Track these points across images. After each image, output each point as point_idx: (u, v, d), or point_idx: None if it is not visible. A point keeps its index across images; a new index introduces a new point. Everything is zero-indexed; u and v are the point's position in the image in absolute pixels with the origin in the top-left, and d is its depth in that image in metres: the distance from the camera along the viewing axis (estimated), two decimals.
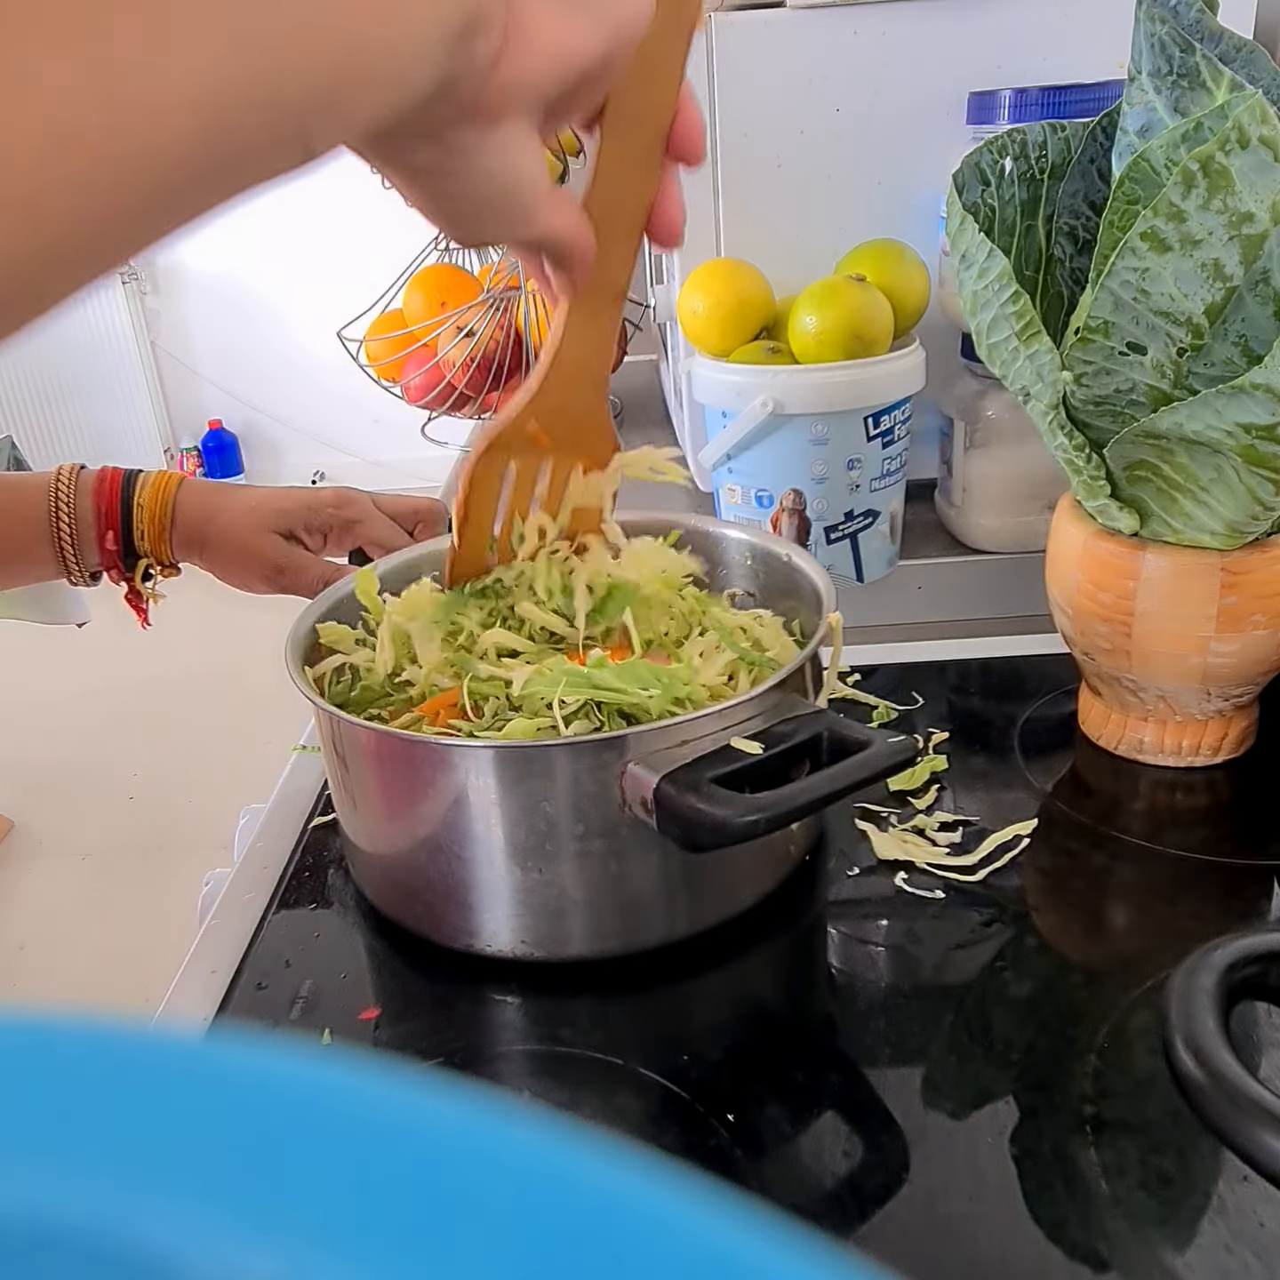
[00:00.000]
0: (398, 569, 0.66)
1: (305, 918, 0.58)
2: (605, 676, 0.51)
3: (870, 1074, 0.46)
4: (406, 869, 0.54)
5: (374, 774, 0.53)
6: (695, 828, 0.45)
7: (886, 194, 0.86)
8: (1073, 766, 0.66)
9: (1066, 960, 0.52)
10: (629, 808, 0.48)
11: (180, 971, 0.55)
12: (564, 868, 0.50)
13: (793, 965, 0.54)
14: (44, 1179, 0.11)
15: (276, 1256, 0.10)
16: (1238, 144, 0.48)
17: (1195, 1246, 0.38)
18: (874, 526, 0.82)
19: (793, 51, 0.83)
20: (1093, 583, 0.62)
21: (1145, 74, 0.55)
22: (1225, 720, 0.63)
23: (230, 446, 4.46)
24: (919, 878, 0.56)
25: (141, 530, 0.74)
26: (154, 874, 2.20)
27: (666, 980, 0.52)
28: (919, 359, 0.80)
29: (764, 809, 0.44)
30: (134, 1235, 0.11)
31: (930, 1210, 0.40)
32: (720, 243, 0.88)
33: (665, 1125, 0.45)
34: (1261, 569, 0.58)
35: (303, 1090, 0.12)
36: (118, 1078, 0.12)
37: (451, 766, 0.49)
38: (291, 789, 0.69)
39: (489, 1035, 0.51)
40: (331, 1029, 0.50)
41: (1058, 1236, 0.39)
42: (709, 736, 0.48)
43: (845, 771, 0.46)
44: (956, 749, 0.66)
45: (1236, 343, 0.53)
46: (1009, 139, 0.61)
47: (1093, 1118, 0.43)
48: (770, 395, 0.76)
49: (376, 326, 1.20)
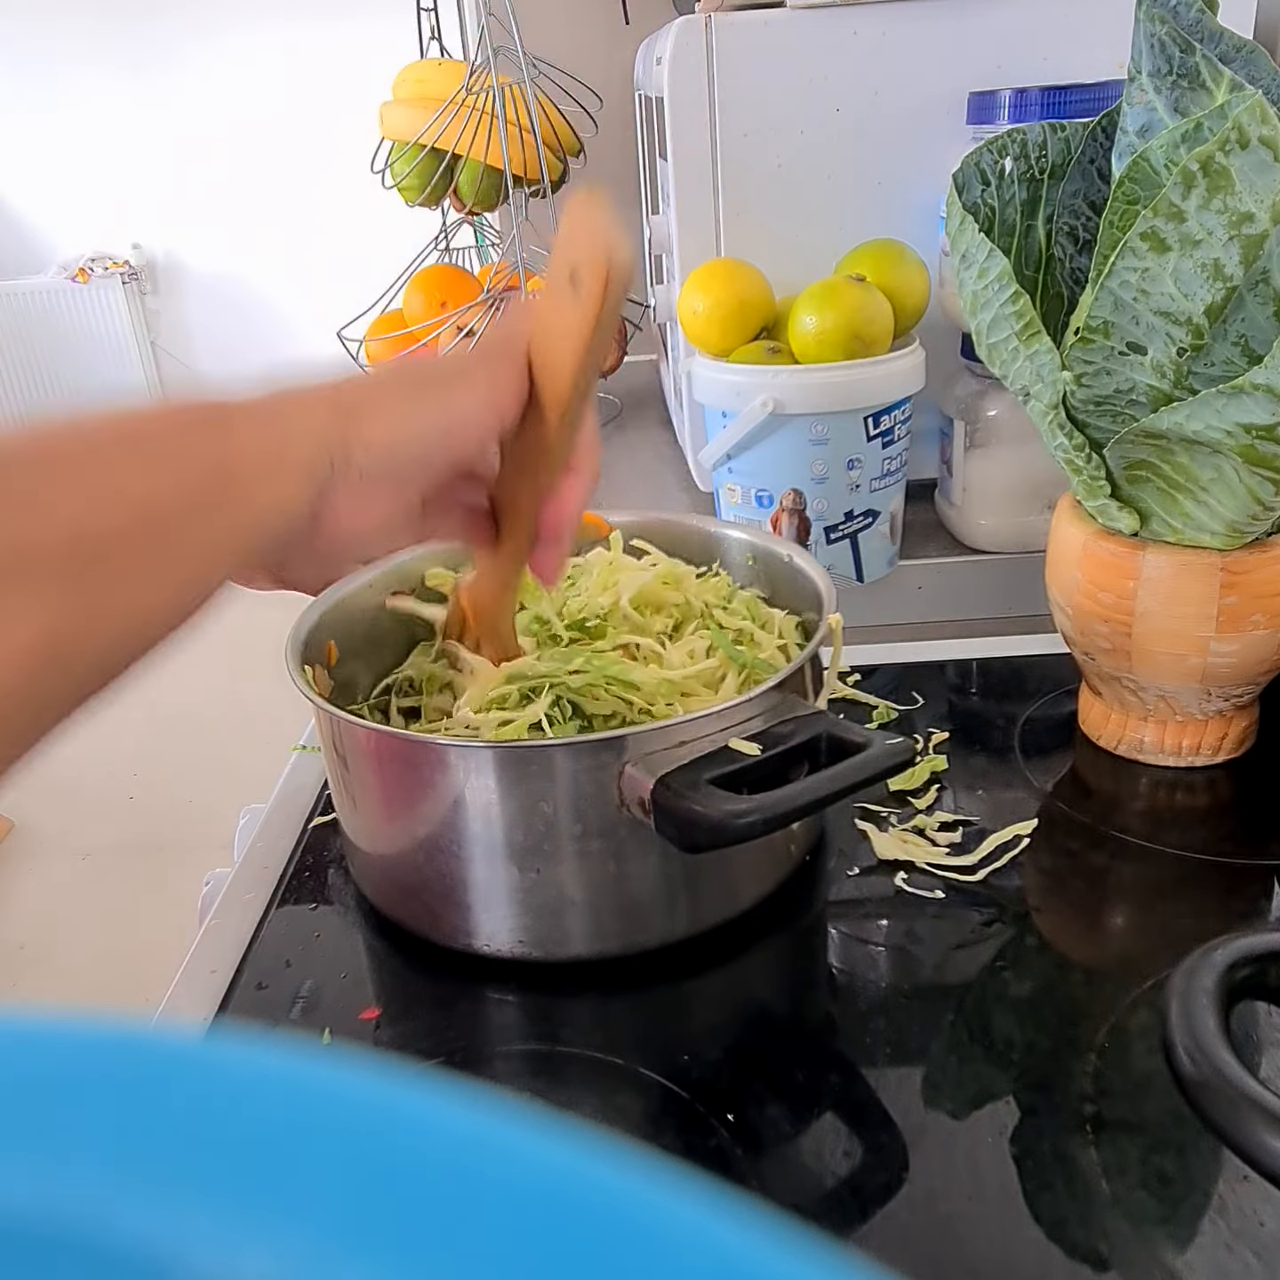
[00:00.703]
0: (401, 568, 0.66)
1: (305, 917, 0.58)
2: (537, 666, 0.53)
3: (870, 1074, 0.46)
4: (405, 868, 0.54)
5: (373, 774, 0.53)
6: (692, 829, 0.45)
7: (886, 194, 0.86)
8: (1073, 766, 0.66)
9: (1067, 960, 0.52)
10: (627, 808, 0.48)
11: (180, 971, 0.55)
12: (562, 868, 0.50)
13: (793, 965, 0.54)
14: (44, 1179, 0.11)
15: (276, 1256, 0.10)
16: (1238, 144, 0.48)
17: (1195, 1246, 0.38)
18: (874, 526, 0.82)
19: (793, 51, 0.83)
20: (1093, 583, 0.62)
21: (1145, 74, 0.55)
22: (1225, 720, 0.63)
23: None
24: (919, 878, 0.56)
25: None
26: (154, 874, 2.20)
27: (667, 980, 0.52)
28: (919, 359, 0.80)
29: (761, 810, 0.44)
30: (133, 1235, 0.11)
31: (930, 1210, 0.40)
32: (720, 243, 0.88)
33: (665, 1125, 0.45)
34: (1261, 569, 0.58)
35: (302, 1090, 0.12)
36: (117, 1077, 0.12)
37: (450, 766, 0.49)
38: (291, 789, 0.69)
39: (489, 1035, 0.51)
40: (331, 1029, 0.50)
41: (1058, 1236, 0.39)
42: (708, 737, 0.48)
43: (843, 773, 0.46)
44: (956, 749, 0.66)
45: (1236, 343, 0.53)
46: (1009, 139, 0.61)
47: (1093, 1117, 0.43)
48: (770, 395, 0.76)
49: (376, 326, 1.20)
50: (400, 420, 0.39)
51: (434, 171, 1.05)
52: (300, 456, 0.36)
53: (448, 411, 0.41)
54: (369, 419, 0.38)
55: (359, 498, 0.38)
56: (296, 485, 0.36)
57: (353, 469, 0.38)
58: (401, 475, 0.40)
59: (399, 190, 1.07)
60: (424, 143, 1.04)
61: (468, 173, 1.04)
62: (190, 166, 3.71)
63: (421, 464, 0.40)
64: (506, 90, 0.98)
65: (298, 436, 0.36)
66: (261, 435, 0.36)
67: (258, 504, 0.35)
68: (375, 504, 0.39)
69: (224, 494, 0.34)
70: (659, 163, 0.97)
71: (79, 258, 3.88)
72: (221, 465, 0.34)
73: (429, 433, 0.40)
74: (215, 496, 0.34)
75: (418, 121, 1.04)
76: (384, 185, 1.09)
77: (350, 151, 1.47)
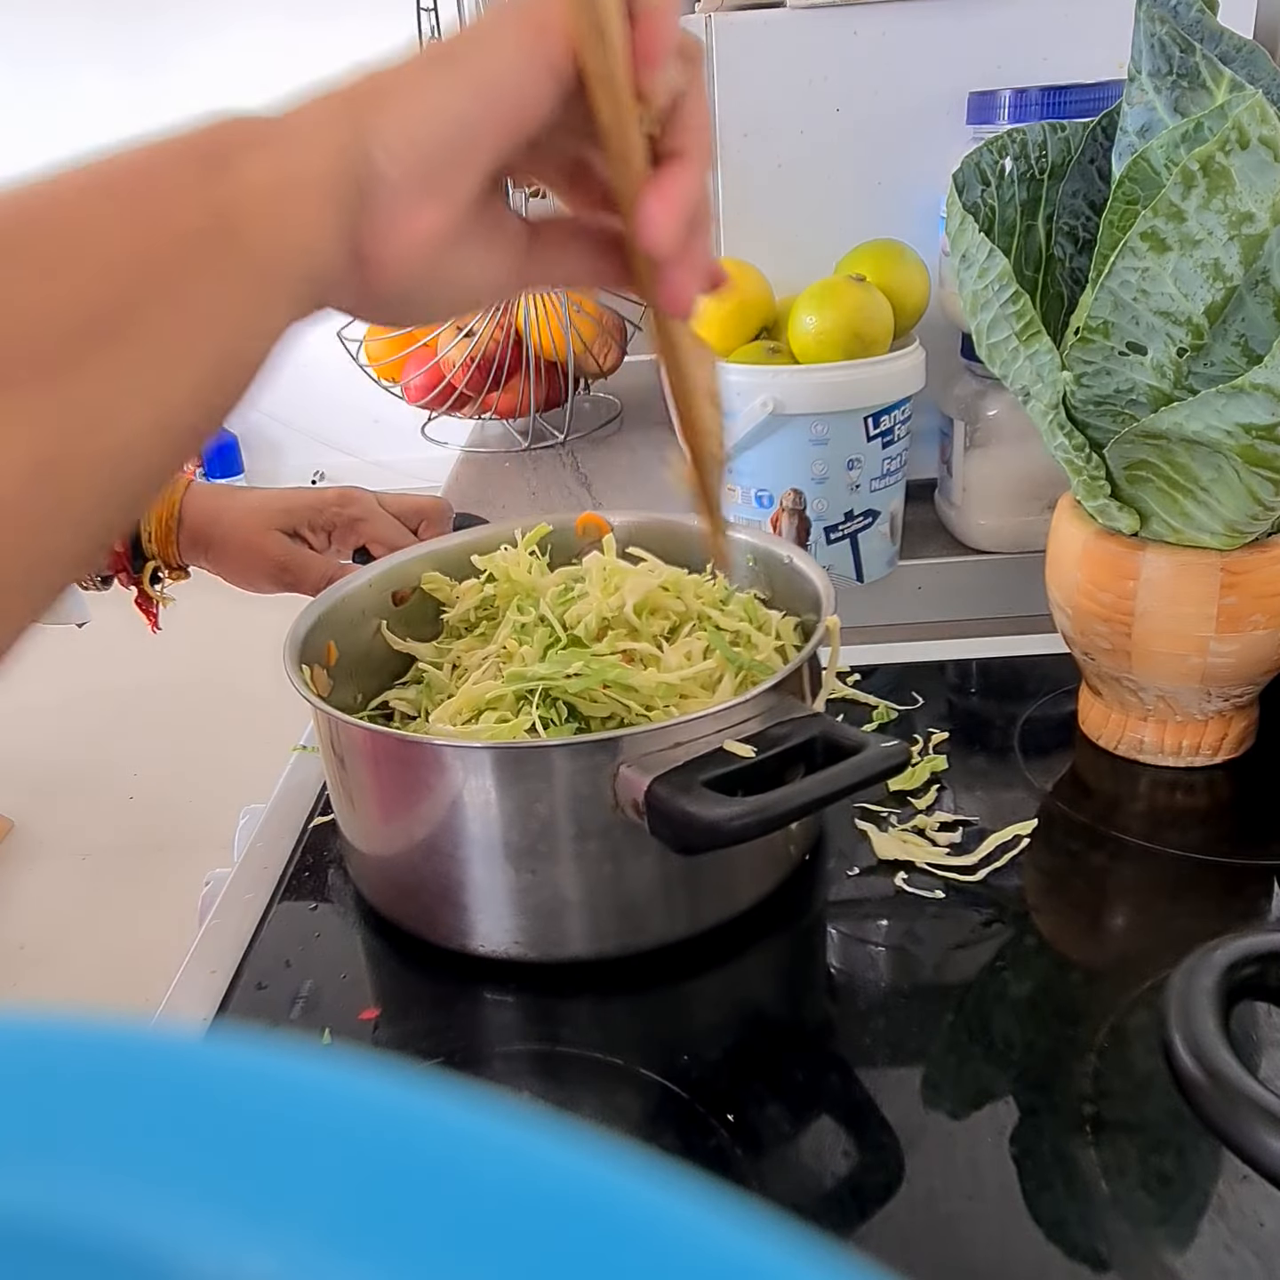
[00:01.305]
0: (401, 568, 0.66)
1: (305, 918, 0.58)
2: (537, 669, 0.53)
3: (870, 1074, 0.46)
4: (402, 869, 0.54)
5: (371, 774, 0.53)
6: (686, 830, 0.45)
7: (886, 194, 0.86)
8: (1073, 766, 0.66)
9: (1066, 960, 0.52)
10: (621, 809, 0.48)
11: (180, 971, 0.55)
12: (558, 869, 0.50)
13: (792, 965, 0.54)
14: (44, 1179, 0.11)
15: (276, 1256, 0.10)
16: (1238, 144, 0.48)
17: (1195, 1246, 0.38)
18: (874, 526, 0.82)
19: (793, 51, 0.83)
20: (1093, 583, 0.62)
21: (1145, 74, 0.55)
22: (1225, 720, 0.63)
23: (230, 447, 4.46)
24: (919, 878, 0.56)
25: (149, 533, 0.75)
26: (154, 874, 2.20)
27: (666, 980, 0.52)
28: (919, 359, 0.80)
29: (754, 812, 0.44)
30: (133, 1235, 0.11)
31: (930, 1210, 0.40)
32: (720, 243, 0.88)
33: (664, 1125, 0.45)
34: (1261, 569, 0.58)
35: (302, 1090, 0.12)
36: (117, 1077, 0.12)
37: (446, 767, 0.49)
38: (291, 789, 0.69)
39: (489, 1035, 0.51)
40: (331, 1029, 0.50)
41: (1058, 1236, 0.39)
42: (703, 739, 0.48)
43: (838, 775, 0.46)
44: (956, 749, 0.66)
45: (1236, 343, 0.53)
46: (1009, 139, 0.61)
47: (1093, 1118, 0.43)
48: (770, 395, 0.76)
49: (376, 327, 1.20)
50: (423, 103, 0.31)
51: None
52: (314, 177, 0.30)
53: (480, 75, 0.32)
54: (386, 112, 0.31)
55: (399, 209, 0.31)
56: (317, 212, 0.30)
57: (382, 180, 0.31)
58: (442, 168, 0.32)
59: None
60: None
61: None
62: None
63: (464, 148, 0.32)
64: None
65: (308, 155, 0.30)
66: (266, 162, 0.29)
67: (277, 246, 0.29)
68: (421, 213, 0.32)
69: (232, 240, 0.28)
70: None
71: None
72: (224, 205, 0.28)
73: (462, 108, 0.31)
74: (221, 244, 0.28)
75: None
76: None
77: None
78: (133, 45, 3.56)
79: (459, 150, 0.32)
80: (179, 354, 0.27)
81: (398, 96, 0.31)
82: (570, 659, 0.53)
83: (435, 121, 0.31)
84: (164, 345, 0.27)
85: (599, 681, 0.52)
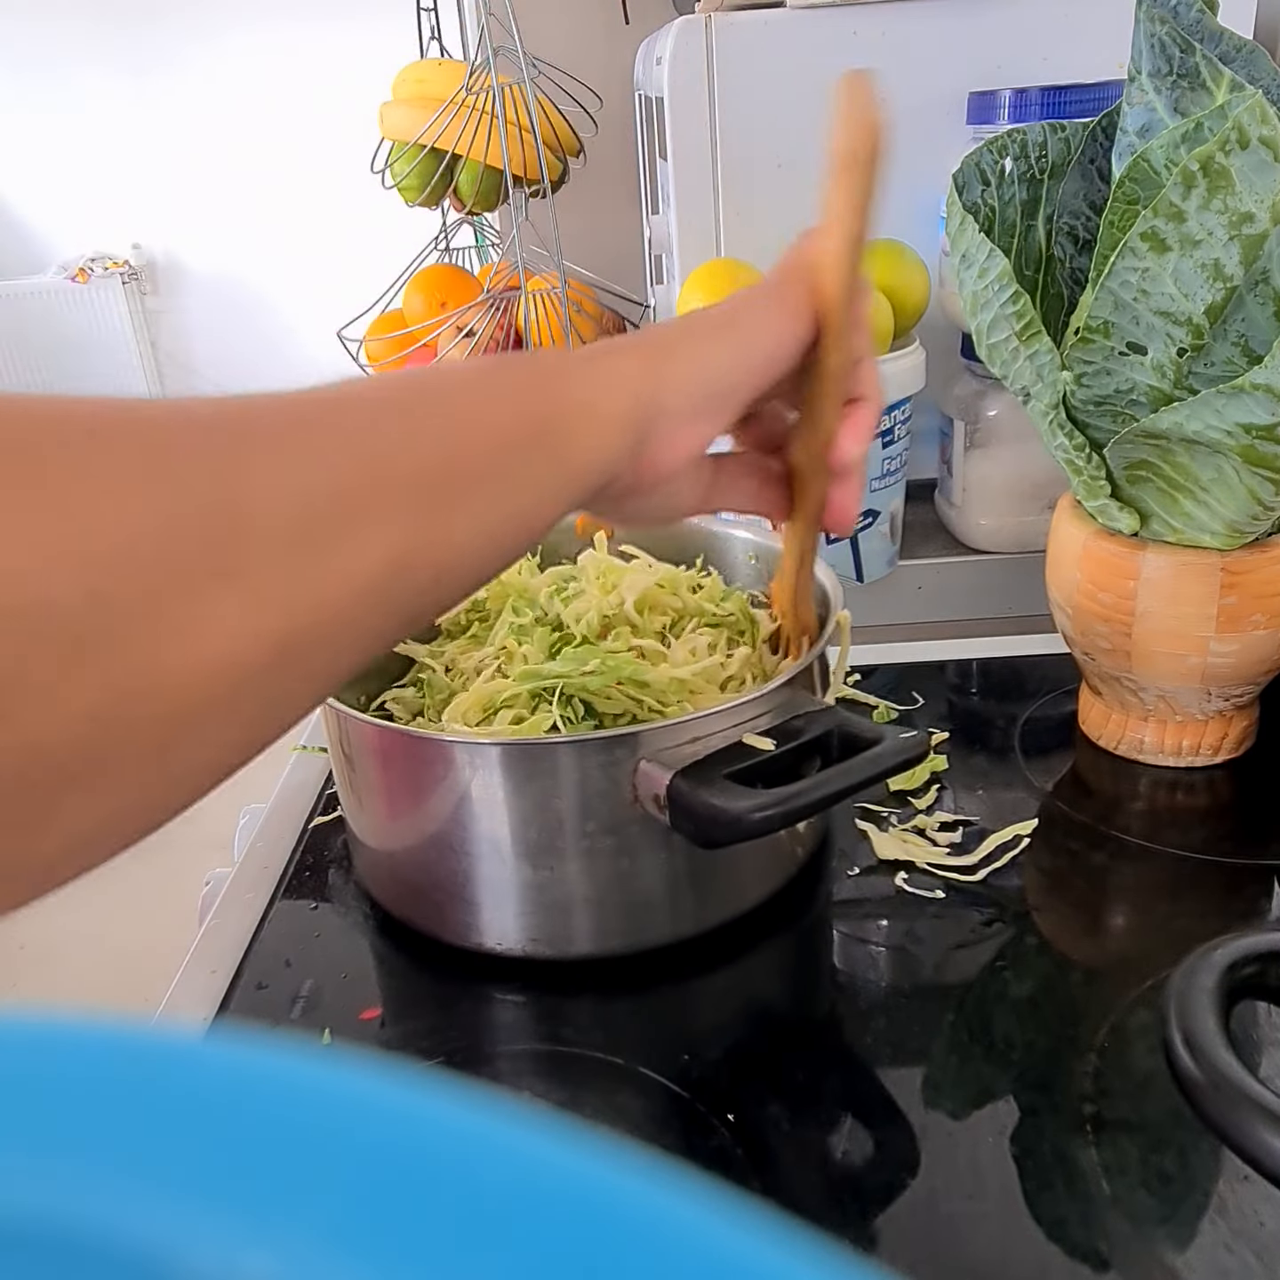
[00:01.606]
0: None
1: (306, 917, 0.58)
2: (553, 666, 0.53)
3: (870, 1074, 0.46)
4: (414, 867, 0.54)
5: (381, 772, 0.53)
6: (710, 823, 0.45)
7: (886, 194, 0.86)
8: (1073, 766, 0.66)
9: (1066, 960, 0.52)
10: (641, 804, 0.48)
11: (180, 971, 0.55)
12: (573, 865, 0.50)
13: (793, 965, 0.54)
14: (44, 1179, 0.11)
15: (276, 1256, 0.10)
16: (1238, 144, 0.48)
17: (1195, 1246, 0.38)
18: (874, 526, 0.82)
19: (793, 51, 0.82)
20: (1093, 583, 0.62)
21: (1145, 74, 0.55)
22: (1225, 720, 0.63)
23: None
24: (919, 878, 0.56)
25: None
26: (154, 874, 2.20)
27: (667, 980, 0.52)
28: (919, 359, 0.80)
29: (779, 803, 0.44)
30: (133, 1235, 0.11)
31: (931, 1210, 0.40)
32: (720, 243, 0.88)
33: (666, 1125, 0.45)
34: (1261, 569, 0.58)
35: (303, 1090, 0.12)
36: (117, 1077, 0.12)
37: (460, 764, 0.49)
38: (292, 788, 0.69)
39: (490, 1034, 0.51)
40: (332, 1029, 0.50)
41: (1058, 1236, 0.39)
42: (720, 734, 0.48)
43: (858, 766, 0.46)
44: (956, 749, 0.66)
45: (1236, 343, 0.53)
46: (1009, 139, 0.61)
47: (1093, 1117, 0.43)
48: None
49: (376, 326, 1.20)
50: (704, 360, 0.41)
51: (434, 171, 1.05)
52: (616, 408, 0.38)
53: (747, 345, 0.42)
54: (675, 364, 0.40)
55: (676, 434, 0.40)
56: (615, 437, 0.38)
57: (665, 413, 0.39)
58: (710, 407, 0.41)
59: (399, 190, 1.07)
60: (424, 143, 1.04)
61: (468, 173, 1.04)
62: (190, 166, 3.71)
63: (726, 398, 0.42)
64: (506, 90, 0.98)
65: (612, 389, 0.38)
66: (579, 388, 0.37)
67: (581, 451, 0.37)
68: (689, 436, 0.41)
69: (552, 440, 0.35)
70: (659, 163, 0.97)
71: (79, 258, 3.88)
72: (547, 415, 0.36)
73: (732, 368, 0.41)
74: (548, 440, 0.35)
75: (418, 121, 1.04)
76: (384, 185, 1.09)
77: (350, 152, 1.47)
78: (133, 48, 3.56)
79: (725, 395, 0.41)
80: (498, 524, 0.33)
81: (684, 353, 0.40)
82: (586, 656, 0.53)
83: (711, 374, 0.41)
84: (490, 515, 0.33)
85: (615, 679, 0.53)
